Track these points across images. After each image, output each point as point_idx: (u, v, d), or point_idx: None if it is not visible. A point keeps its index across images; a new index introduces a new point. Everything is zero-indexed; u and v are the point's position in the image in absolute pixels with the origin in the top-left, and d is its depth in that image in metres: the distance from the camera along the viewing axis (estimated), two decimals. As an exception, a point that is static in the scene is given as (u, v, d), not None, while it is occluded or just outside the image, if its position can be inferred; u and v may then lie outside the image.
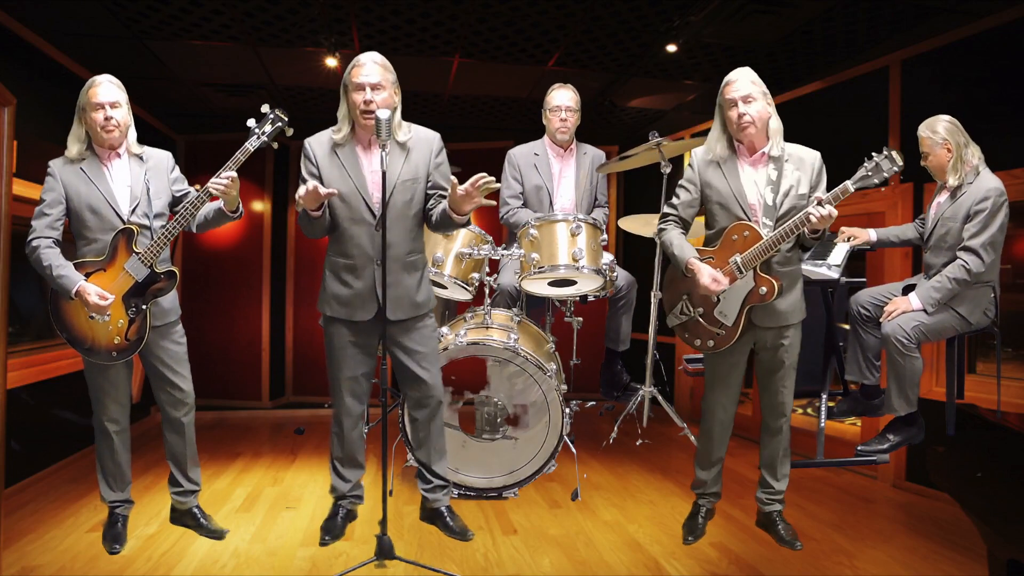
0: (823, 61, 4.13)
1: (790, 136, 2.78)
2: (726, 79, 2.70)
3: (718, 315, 2.79)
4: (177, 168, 2.96)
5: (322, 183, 2.75)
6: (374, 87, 2.69)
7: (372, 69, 2.70)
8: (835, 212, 2.53)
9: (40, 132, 3.71)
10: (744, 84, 2.65)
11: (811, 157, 2.76)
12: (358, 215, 2.77)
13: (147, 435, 4.76)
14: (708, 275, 2.71)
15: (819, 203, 2.52)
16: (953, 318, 2.93)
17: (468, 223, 2.83)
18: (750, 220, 2.72)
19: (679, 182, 2.91)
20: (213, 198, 2.75)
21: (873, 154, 2.53)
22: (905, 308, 2.94)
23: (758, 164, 2.74)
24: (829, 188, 2.67)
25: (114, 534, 2.86)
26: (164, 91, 4.83)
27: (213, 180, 2.69)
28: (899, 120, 3.85)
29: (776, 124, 2.72)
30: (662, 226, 2.92)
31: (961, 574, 2.70)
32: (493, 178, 2.59)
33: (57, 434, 3.96)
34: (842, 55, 4.03)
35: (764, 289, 2.68)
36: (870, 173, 2.53)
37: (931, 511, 3.41)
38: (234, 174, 2.72)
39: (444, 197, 2.80)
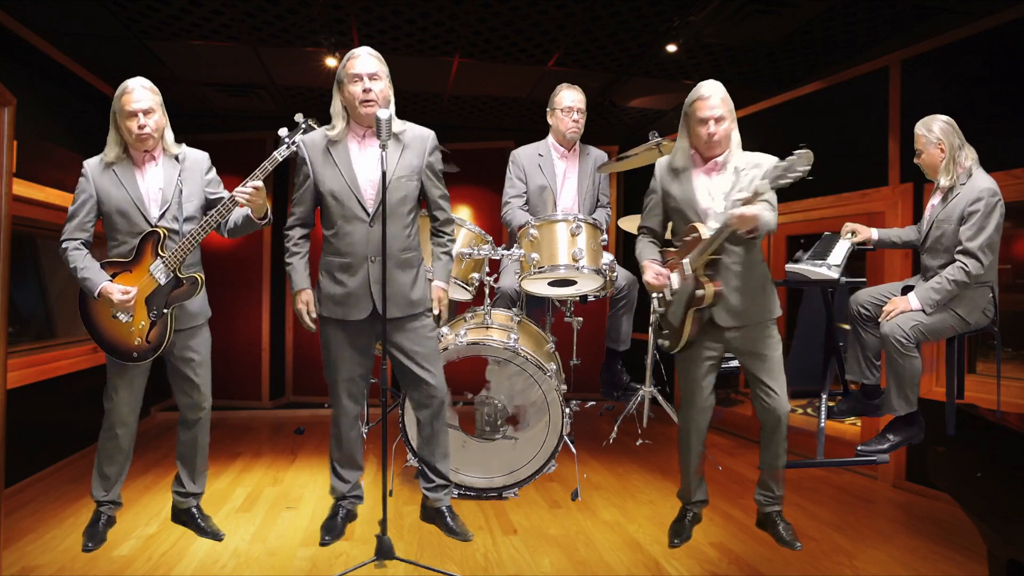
0: (823, 61, 4.13)
1: (790, 136, 2.77)
2: (699, 93, 2.67)
3: (670, 317, 2.86)
4: (213, 170, 2.96)
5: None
6: (371, 76, 2.71)
7: (368, 60, 2.72)
8: (752, 211, 2.43)
9: (40, 132, 3.72)
10: (718, 104, 2.64)
11: (769, 164, 2.66)
12: (351, 213, 2.78)
13: (147, 435, 4.76)
14: (650, 271, 2.82)
15: (740, 202, 2.46)
16: (952, 318, 2.93)
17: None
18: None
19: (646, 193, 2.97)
20: (240, 205, 2.76)
21: (793, 152, 2.35)
22: (904, 308, 2.94)
23: (712, 172, 2.77)
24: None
25: (92, 532, 2.86)
26: (164, 91, 4.71)
27: (239, 189, 2.71)
28: (899, 120, 3.85)
29: (736, 137, 2.76)
30: (638, 238, 3.00)
31: (961, 574, 2.70)
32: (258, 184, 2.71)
33: (57, 434, 3.95)
34: (842, 55, 4.03)
35: (700, 292, 2.68)
36: (784, 172, 2.35)
37: (931, 511, 3.41)
38: (260, 183, 2.73)
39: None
